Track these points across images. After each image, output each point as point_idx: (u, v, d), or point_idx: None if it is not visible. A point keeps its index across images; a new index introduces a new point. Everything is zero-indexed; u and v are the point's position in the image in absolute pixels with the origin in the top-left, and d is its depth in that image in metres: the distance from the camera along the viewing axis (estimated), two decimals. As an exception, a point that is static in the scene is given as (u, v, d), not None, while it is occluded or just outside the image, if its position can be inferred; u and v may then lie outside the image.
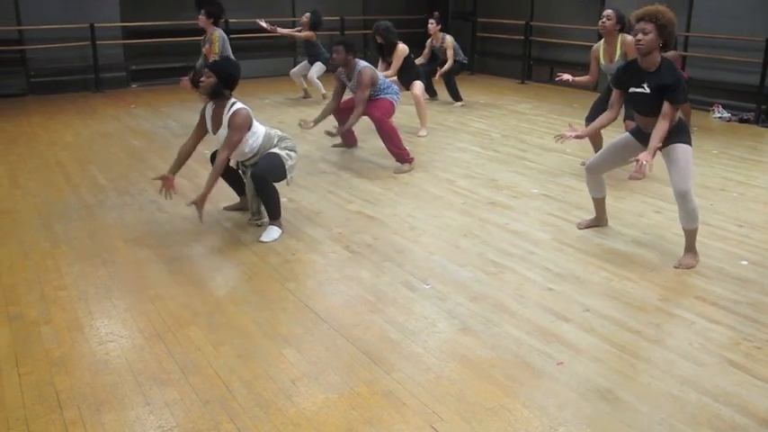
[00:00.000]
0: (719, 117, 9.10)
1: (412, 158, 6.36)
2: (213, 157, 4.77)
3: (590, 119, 6.26)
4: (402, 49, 7.60)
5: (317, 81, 9.89)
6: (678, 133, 4.09)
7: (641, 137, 4.24)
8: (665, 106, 3.96)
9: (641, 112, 4.18)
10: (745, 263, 4.24)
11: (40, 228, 4.81)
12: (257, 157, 4.64)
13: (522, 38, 12.23)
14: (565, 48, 11.57)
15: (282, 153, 4.62)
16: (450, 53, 9.18)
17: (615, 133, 5.29)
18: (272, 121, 8.54)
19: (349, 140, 7.07)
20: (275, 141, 4.67)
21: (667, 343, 3.27)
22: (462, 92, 9.80)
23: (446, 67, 9.15)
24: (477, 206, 5.28)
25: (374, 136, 6.71)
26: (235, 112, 4.45)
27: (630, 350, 3.19)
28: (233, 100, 4.55)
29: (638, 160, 3.94)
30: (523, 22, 12.20)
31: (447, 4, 14.02)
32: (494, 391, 2.86)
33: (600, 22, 5.85)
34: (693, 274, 4.05)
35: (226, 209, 5.17)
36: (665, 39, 3.94)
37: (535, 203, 5.37)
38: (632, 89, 4.14)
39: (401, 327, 3.40)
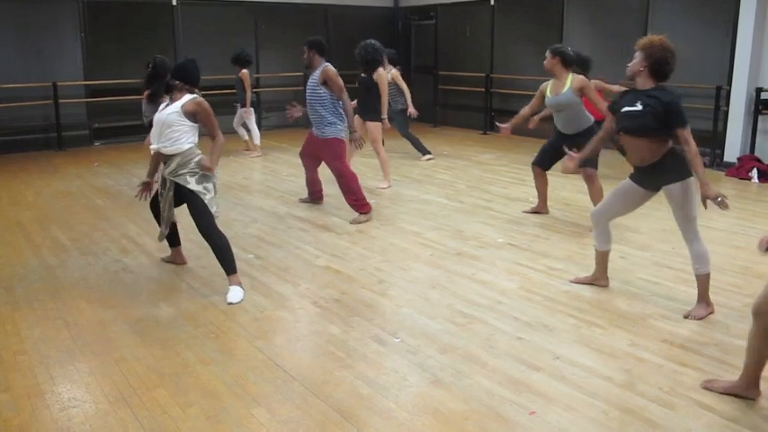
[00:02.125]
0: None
1: (369, 208, 6.39)
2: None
3: (537, 163, 6.41)
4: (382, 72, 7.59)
5: (240, 129, 10.12)
6: (673, 170, 4.04)
7: (639, 178, 4.22)
8: (678, 132, 3.95)
9: (630, 130, 4.09)
10: (708, 305, 4.30)
11: (0, 290, 4.69)
12: (174, 164, 4.58)
13: (483, 90, 12.52)
14: (526, 98, 11.69)
15: (199, 189, 4.57)
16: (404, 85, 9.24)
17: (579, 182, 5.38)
18: (236, 176, 8.54)
19: (315, 196, 7.08)
20: (195, 159, 4.60)
21: (638, 388, 3.28)
22: (426, 144, 9.90)
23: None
24: (445, 257, 5.31)
25: (339, 190, 6.74)
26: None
27: (602, 397, 3.20)
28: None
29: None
30: (484, 75, 12.50)
31: (409, 59, 14.32)
32: (467, 445, 2.83)
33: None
34: (659, 317, 4.09)
35: (163, 260, 5.24)
36: (650, 64, 4.02)
37: (501, 253, 5.42)
38: (625, 108, 4.10)
39: (372, 382, 3.37)
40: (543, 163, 6.40)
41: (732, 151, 8.89)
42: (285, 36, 12.78)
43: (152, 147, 4.73)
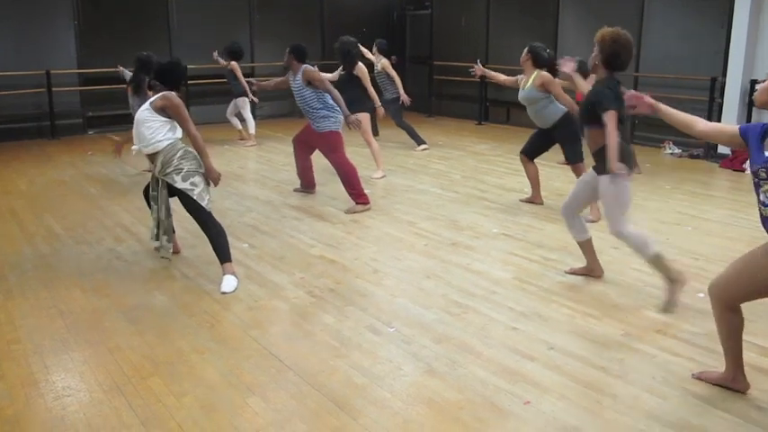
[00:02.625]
0: (671, 153, 9.39)
1: (367, 200, 6.41)
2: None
3: (523, 151, 6.48)
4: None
5: (233, 119, 10.11)
6: (603, 161, 4.10)
7: (594, 165, 4.32)
8: (605, 116, 3.98)
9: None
10: (701, 295, 4.31)
11: (-7, 280, 4.68)
12: (159, 163, 4.55)
13: (478, 80, 12.47)
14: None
15: (186, 186, 4.51)
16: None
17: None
18: (231, 165, 8.52)
19: (308, 185, 7.07)
20: (177, 155, 4.55)
21: (631, 378, 3.30)
22: (421, 134, 9.89)
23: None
24: (440, 247, 5.31)
25: (334, 179, 6.74)
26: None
27: (596, 387, 3.21)
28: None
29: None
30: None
31: (404, 49, 14.28)
32: (462, 434, 2.84)
33: None
34: (653, 308, 4.11)
35: (157, 249, 5.14)
36: (603, 57, 4.06)
37: (496, 243, 5.43)
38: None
39: (366, 371, 3.37)
40: (529, 152, 6.49)
41: (726, 143, 8.91)
42: (280, 26, 12.72)
43: (134, 147, 4.71)
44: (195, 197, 4.52)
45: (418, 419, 2.95)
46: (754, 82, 8.65)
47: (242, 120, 10.23)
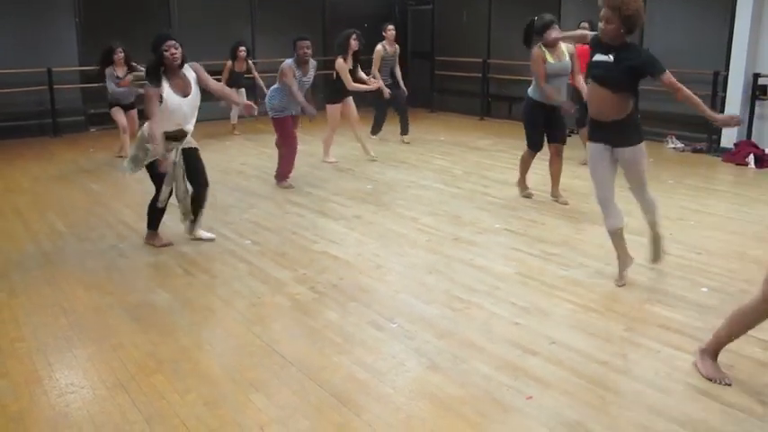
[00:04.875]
0: (674, 147, 9.36)
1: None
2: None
3: (539, 147, 6.44)
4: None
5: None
6: (626, 133, 4.13)
7: (599, 134, 4.21)
8: (665, 77, 3.98)
9: (599, 78, 4.11)
10: (705, 290, 4.32)
11: (-3, 278, 4.69)
12: (189, 136, 5.13)
13: (480, 75, 12.47)
14: (523, 83, 11.74)
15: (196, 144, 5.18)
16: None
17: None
18: (233, 162, 8.52)
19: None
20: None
21: (634, 373, 3.30)
22: (423, 129, 9.90)
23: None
24: (442, 243, 5.31)
25: (336, 175, 6.75)
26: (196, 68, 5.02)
27: (598, 382, 3.21)
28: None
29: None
30: (481, 60, 12.45)
31: (405, 44, 14.26)
32: (464, 429, 2.84)
33: None
34: (656, 303, 4.11)
35: (156, 245, 5.27)
36: (628, 27, 3.99)
37: (498, 238, 5.42)
38: (598, 56, 4.13)
39: (369, 367, 3.37)
40: (541, 145, 6.49)
41: (729, 137, 8.88)
42: (282, 22, 12.69)
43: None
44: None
45: (421, 415, 2.95)
46: (756, 76, 8.63)
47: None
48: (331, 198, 6.74)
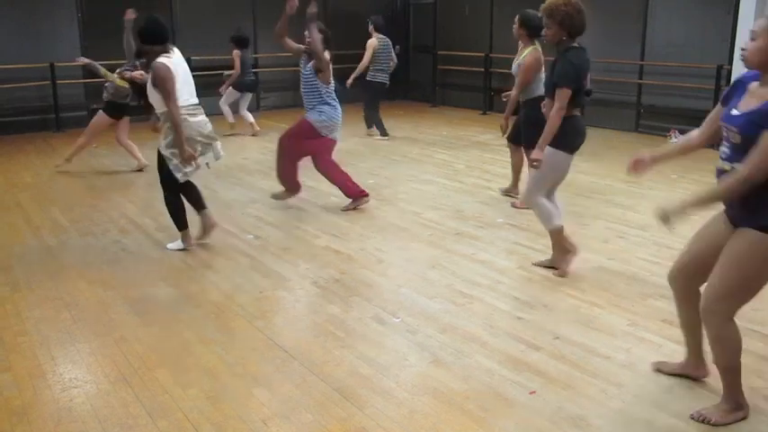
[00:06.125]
0: (677, 142, 9.32)
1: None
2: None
3: (511, 139, 6.33)
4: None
5: (225, 108, 10.03)
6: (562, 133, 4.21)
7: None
8: (558, 92, 4.09)
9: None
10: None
11: None
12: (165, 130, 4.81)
13: (483, 70, 12.44)
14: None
15: (167, 153, 4.78)
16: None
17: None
18: (235, 157, 8.51)
19: (293, 188, 6.39)
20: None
21: (637, 367, 3.30)
22: (426, 124, 9.88)
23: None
24: (444, 237, 5.31)
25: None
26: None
27: (601, 376, 3.21)
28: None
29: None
30: (483, 54, 12.42)
31: (408, 39, 14.22)
32: (467, 424, 2.84)
33: None
34: (659, 297, 4.10)
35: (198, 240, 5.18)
36: (567, 30, 4.06)
37: (501, 233, 5.42)
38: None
39: (372, 362, 3.38)
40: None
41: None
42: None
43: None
44: (168, 162, 4.77)
45: (424, 409, 2.95)
46: (760, 69, 8.59)
47: (234, 111, 10.16)
48: (333, 192, 6.73)
